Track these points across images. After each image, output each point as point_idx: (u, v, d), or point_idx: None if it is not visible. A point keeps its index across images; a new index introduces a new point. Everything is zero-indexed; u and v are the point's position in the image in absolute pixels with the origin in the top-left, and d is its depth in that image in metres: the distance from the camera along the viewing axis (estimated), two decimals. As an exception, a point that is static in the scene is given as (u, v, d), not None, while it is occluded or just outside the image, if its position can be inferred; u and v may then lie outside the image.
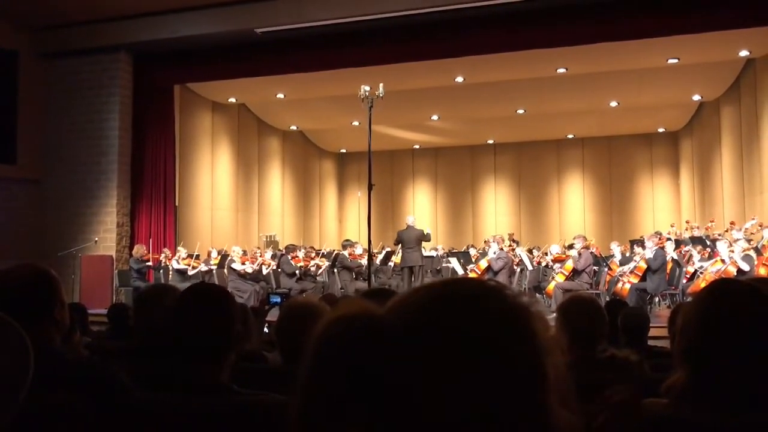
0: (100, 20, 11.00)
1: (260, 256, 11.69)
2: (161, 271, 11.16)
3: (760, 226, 9.95)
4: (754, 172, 12.19)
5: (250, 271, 11.18)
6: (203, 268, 11.23)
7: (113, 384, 1.63)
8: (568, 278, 10.06)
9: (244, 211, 15.64)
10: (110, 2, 10.46)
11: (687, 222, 13.94)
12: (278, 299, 3.60)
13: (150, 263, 10.91)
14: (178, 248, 11.40)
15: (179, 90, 12.87)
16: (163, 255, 11.25)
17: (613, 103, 14.60)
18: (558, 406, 0.62)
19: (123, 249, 11.52)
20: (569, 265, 10.09)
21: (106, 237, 11.39)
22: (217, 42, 11.02)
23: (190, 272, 10.96)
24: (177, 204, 12.64)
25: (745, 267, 8.62)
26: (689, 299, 1.46)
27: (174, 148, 12.44)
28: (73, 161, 11.46)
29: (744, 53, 11.38)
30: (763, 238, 9.30)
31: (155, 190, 11.99)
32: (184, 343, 1.66)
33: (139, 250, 10.87)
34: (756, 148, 11.98)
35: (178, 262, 10.99)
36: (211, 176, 14.36)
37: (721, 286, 1.37)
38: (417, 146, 19.34)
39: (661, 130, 17.53)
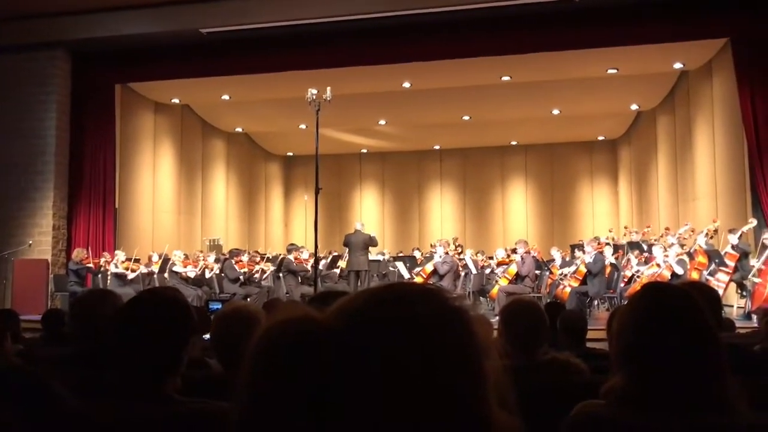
0: (36, 15, 10.60)
1: (203, 260, 11.47)
2: (100, 275, 10.82)
3: (693, 231, 10.35)
4: (687, 180, 12.69)
5: (192, 275, 10.96)
6: (144, 270, 10.95)
7: (46, 393, 1.57)
8: (511, 282, 10.24)
9: (187, 215, 15.32)
10: (47, -3, 10.12)
11: (625, 227, 14.40)
12: (219, 306, 3.54)
13: (90, 267, 10.57)
14: (117, 252, 11.07)
15: (120, 90, 12.53)
16: (103, 259, 10.91)
17: (555, 111, 14.97)
18: (497, 407, 0.63)
19: (59, 253, 11.13)
20: (512, 269, 10.28)
21: (41, 240, 10.98)
22: (160, 41, 10.79)
23: (130, 276, 10.67)
24: (117, 206, 12.29)
25: (680, 271, 8.97)
26: (626, 302, 1.51)
27: (114, 149, 12.10)
28: (7, 161, 11.01)
29: (678, 66, 11.86)
30: (695, 243, 9.69)
31: (94, 192, 11.63)
32: (131, 351, 1.60)
33: (79, 254, 10.52)
34: (689, 156, 12.48)
35: (117, 266, 10.68)
36: (153, 178, 14.02)
37: (653, 290, 1.42)
38: (364, 150, 19.37)
39: (600, 138, 18.08)
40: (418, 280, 10.74)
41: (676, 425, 1.23)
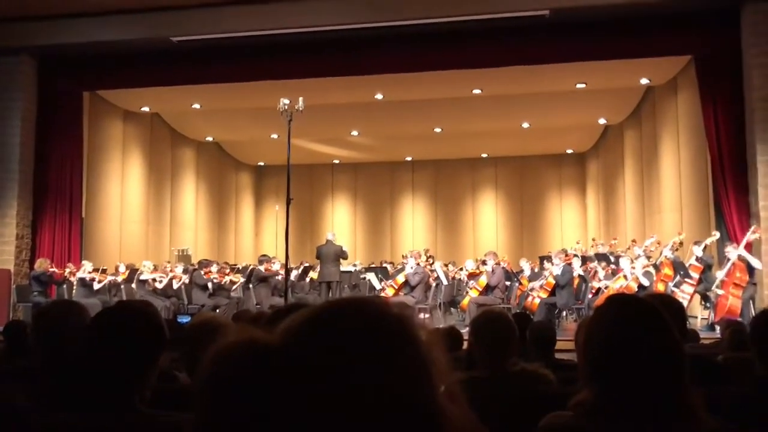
0: (0, 19, 10.40)
1: (171, 271, 11.32)
2: (65, 286, 10.59)
3: (659, 243, 10.55)
4: (653, 193, 12.94)
5: (160, 286, 10.80)
6: (111, 279, 10.76)
7: (9, 407, 1.53)
8: (481, 293, 10.31)
9: (156, 224, 15.11)
10: (11, 1, 9.92)
11: (593, 239, 14.62)
12: (188, 319, 3.49)
13: (54, 277, 10.35)
14: (84, 262, 10.86)
15: (89, 97, 12.34)
16: (67, 269, 10.69)
17: (525, 125, 15.16)
18: (449, 403, 0.65)
19: (23, 263, 10.87)
20: (483, 280, 10.35)
21: (4, 250, 10.71)
22: (130, 49, 10.66)
23: (96, 286, 10.47)
24: (84, 216, 12.07)
25: (646, 282, 9.13)
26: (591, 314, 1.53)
27: (82, 157, 11.89)
28: (-31, 169, 10.75)
29: (645, 81, 12.12)
30: (661, 255, 9.86)
31: (60, 201, 11.40)
32: (101, 363, 1.58)
33: (42, 263, 10.29)
34: (655, 170, 12.74)
35: (84, 274, 10.48)
36: (121, 187, 13.81)
37: (617, 303, 1.44)
38: (337, 161, 19.36)
39: (569, 151, 18.36)
40: (389, 291, 10.73)
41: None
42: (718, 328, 8.10)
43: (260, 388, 0.62)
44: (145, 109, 14.00)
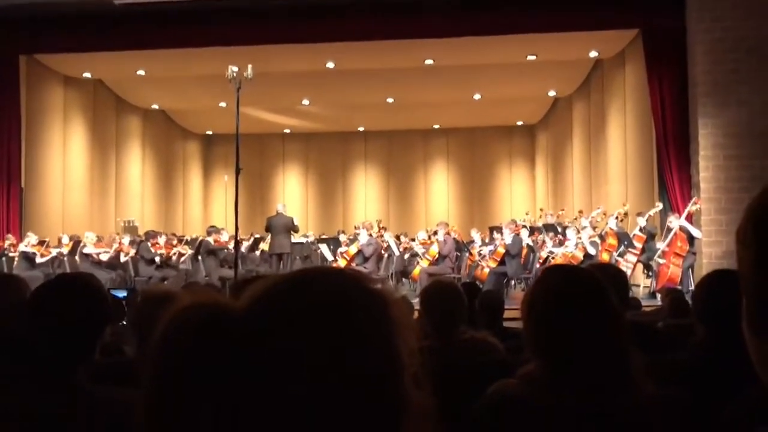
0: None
1: (117, 243, 11.04)
2: (4, 259, 10.23)
3: (605, 214, 10.83)
4: (600, 165, 13.24)
5: (105, 258, 10.54)
6: (55, 253, 10.44)
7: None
8: (432, 263, 10.42)
9: (100, 195, 14.67)
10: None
11: (541, 210, 14.89)
12: (124, 294, 3.41)
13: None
14: (28, 234, 10.49)
15: (25, 61, 11.79)
16: (7, 241, 10.31)
17: (477, 96, 15.23)
18: (412, 387, 0.63)
19: (-42, 235, 10.44)
20: (434, 250, 10.46)
21: (-63, 221, 10.27)
22: (69, 11, 10.20)
23: (39, 260, 10.15)
24: (23, 186, 11.62)
25: (592, 251, 9.37)
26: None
27: (19, 125, 11.40)
28: None
29: (594, 54, 12.30)
30: (606, 225, 10.14)
31: (-3, 171, 10.95)
32: (41, 340, 1.52)
33: (-22, 236, 9.91)
34: (602, 142, 13.02)
35: (27, 246, 10.13)
36: (63, 156, 13.31)
37: (555, 273, 1.46)
38: (288, 131, 19.10)
39: (519, 123, 18.56)
40: (341, 262, 10.74)
41: (585, 404, 1.28)
42: (659, 296, 8.41)
43: (221, 355, 0.59)
44: (87, 75, 13.46)
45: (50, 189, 12.87)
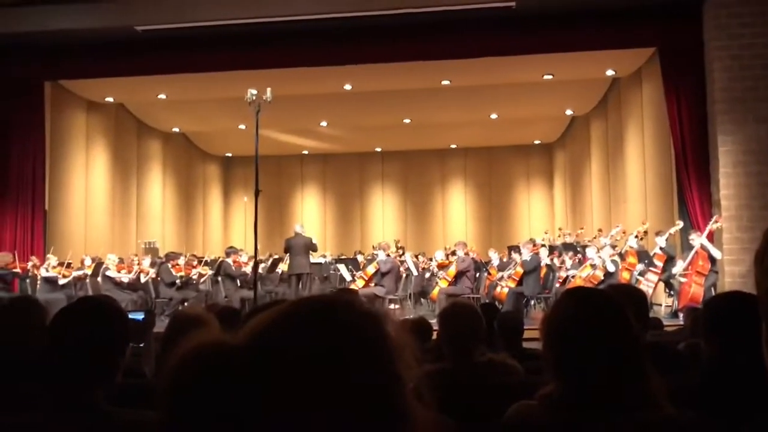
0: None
1: (138, 264, 11.15)
2: (28, 280, 10.37)
3: (624, 233, 10.73)
4: (618, 183, 13.15)
5: (126, 279, 10.64)
6: (76, 274, 10.55)
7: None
8: (451, 284, 10.37)
9: (121, 217, 14.86)
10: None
11: (560, 229, 14.80)
12: (141, 316, 3.43)
13: (17, 271, 10.11)
14: (48, 255, 10.63)
15: (50, 87, 12.05)
16: (30, 263, 10.45)
17: (494, 116, 15.25)
18: (416, 402, 0.65)
19: (-17, 257, 10.59)
20: (452, 270, 10.42)
21: (-37, 244, 10.44)
22: (93, 38, 10.42)
23: (61, 281, 10.27)
24: (47, 209, 11.81)
25: (612, 268, 9.27)
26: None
27: (44, 149, 11.62)
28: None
29: (610, 72, 12.28)
30: (626, 244, 10.04)
31: (22, 194, 11.14)
32: (62, 362, 1.55)
33: (4, 258, 10.04)
34: (620, 160, 12.94)
35: (48, 270, 10.26)
36: (86, 179, 13.53)
37: (574, 297, 1.46)
38: (306, 152, 19.24)
39: (537, 142, 18.53)
40: (359, 282, 10.74)
41: (605, 426, 1.27)
42: (681, 315, 8.29)
43: (224, 391, 0.61)
44: (110, 99, 13.72)
45: (73, 211, 13.07)
